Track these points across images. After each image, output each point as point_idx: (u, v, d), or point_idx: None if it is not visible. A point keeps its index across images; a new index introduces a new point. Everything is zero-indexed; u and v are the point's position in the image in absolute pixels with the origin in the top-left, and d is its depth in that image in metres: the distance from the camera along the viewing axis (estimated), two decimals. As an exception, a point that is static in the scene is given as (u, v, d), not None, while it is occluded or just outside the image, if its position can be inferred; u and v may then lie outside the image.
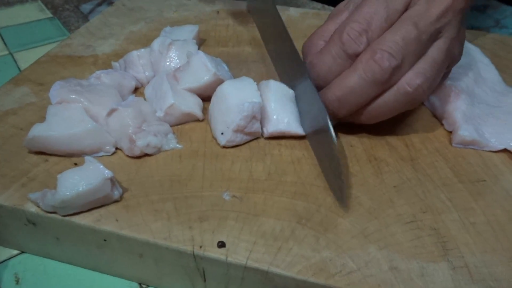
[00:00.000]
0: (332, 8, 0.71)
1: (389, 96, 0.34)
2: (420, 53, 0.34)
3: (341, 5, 0.39)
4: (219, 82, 0.38)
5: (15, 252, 0.35)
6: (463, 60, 0.44)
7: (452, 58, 0.36)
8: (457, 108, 0.38)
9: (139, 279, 0.33)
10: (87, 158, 0.30)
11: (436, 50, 0.34)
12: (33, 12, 0.71)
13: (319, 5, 0.73)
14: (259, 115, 0.35)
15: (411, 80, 0.33)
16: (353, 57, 0.34)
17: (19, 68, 0.57)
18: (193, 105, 0.38)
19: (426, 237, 0.29)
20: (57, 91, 0.36)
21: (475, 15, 0.75)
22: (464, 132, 0.36)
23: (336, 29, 0.35)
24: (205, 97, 0.40)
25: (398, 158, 0.36)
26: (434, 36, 0.34)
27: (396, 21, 0.34)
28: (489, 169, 0.35)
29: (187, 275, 0.30)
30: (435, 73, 0.34)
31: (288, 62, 0.41)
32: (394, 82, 0.33)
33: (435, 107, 0.41)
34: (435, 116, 0.41)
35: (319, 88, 0.36)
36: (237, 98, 0.35)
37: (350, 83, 0.33)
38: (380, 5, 0.34)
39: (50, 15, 0.70)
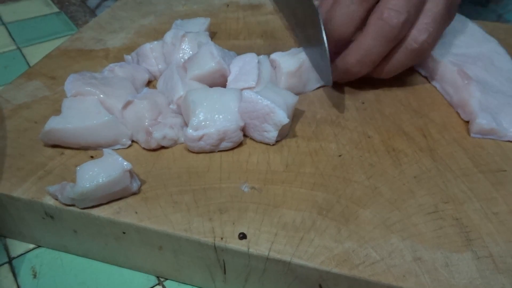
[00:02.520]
0: None
1: (400, 54, 0.37)
2: (422, 5, 0.36)
3: None
4: (223, 71, 0.38)
5: (32, 246, 0.35)
6: (475, 49, 0.44)
7: (451, 3, 0.38)
8: (472, 95, 0.38)
9: (157, 272, 0.33)
10: (105, 150, 0.30)
11: (435, 4, 0.36)
12: (39, 7, 0.71)
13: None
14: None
15: (416, 37, 0.36)
16: (368, 2, 0.36)
17: (28, 63, 0.57)
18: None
19: (449, 227, 0.29)
20: (72, 83, 0.36)
21: (477, 10, 0.75)
22: (482, 120, 0.36)
23: None
24: (213, 87, 0.39)
25: (416, 148, 0.35)
26: None
27: None
28: (509, 159, 0.34)
29: (207, 267, 0.30)
30: (437, 25, 0.37)
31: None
32: (403, 36, 0.36)
33: (449, 95, 0.40)
34: (450, 104, 0.40)
35: (336, 42, 0.38)
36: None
37: (365, 45, 0.36)
38: None
39: (56, 9, 0.70)
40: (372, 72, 0.39)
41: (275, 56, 0.40)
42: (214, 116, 0.33)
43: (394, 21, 0.35)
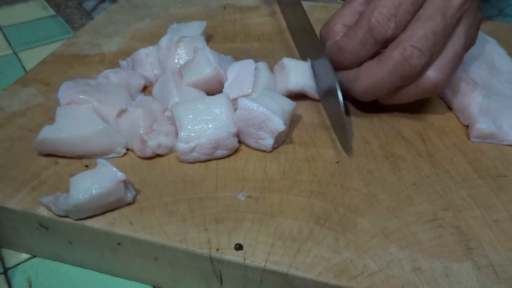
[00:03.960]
0: (341, 1, 0.70)
1: (411, 89, 0.35)
2: (444, 44, 0.34)
3: None
4: (219, 77, 0.38)
5: (27, 256, 0.34)
6: (477, 51, 0.43)
7: (470, 44, 0.36)
8: (473, 101, 0.37)
9: (153, 282, 0.32)
10: (99, 160, 0.30)
11: (456, 42, 0.34)
12: (36, 10, 0.70)
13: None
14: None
15: (432, 77, 0.34)
16: (380, 42, 0.34)
17: (23, 67, 0.56)
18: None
19: (449, 235, 0.29)
20: (65, 91, 0.35)
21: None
22: (482, 125, 0.35)
23: (361, 12, 0.35)
24: (210, 93, 0.39)
25: (415, 154, 0.35)
26: (458, 23, 0.34)
27: (422, 4, 0.34)
28: (509, 164, 0.34)
29: (203, 278, 0.30)
30: (454, 67, 0.35)
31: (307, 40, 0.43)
32: (419, 75, 0.34)
33: (449, 99, 0.40)
34: (449, 108, 0.40)
35: (344, 68, 0.37)
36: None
37: (377, 77, 0.34)
38: None
39: (53, 12, 0.69)
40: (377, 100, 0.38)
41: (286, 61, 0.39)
42: (203, 127, 0.33)
43: (415, 62, 0.33)
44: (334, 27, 0.38)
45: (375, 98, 0.37)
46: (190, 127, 0.33)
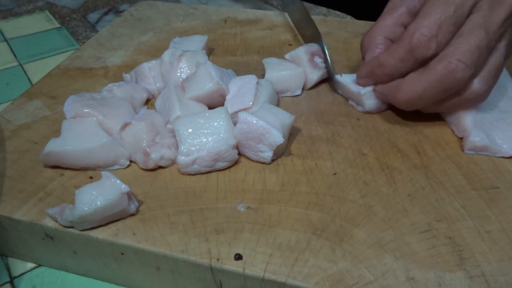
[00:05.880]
0: (338, 12, 0.71)
1: (454, 100, 0.36)
2: (487, 58, 0.35)
3: None
4: (221, 91, 0.39)
5: (33, 265, 0.35)
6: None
7: (509, 55, 0.37)
8: (466, 114, 0.38)
9: (155, 291, 0.33)
10: (103, 173, 0.31)
11: (498, 55, 0.35)
12: (41, 23, 0.72)
13: (324, 9, 0.73)
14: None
15: (477, 89, 0.35)
16: (421, 61, 0.36)
17: (29, 79, 0.57)
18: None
19: (442, 246, 0.30)
20: (71, 105, 0.37)
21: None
22: (475, 137, 0.36)
23: (403, 32, 0.36)
24: (211, 106, 0.40)
25: (410, 166, 0.36)
26: (500, 38, 0.35)
27: (462, 25, 0.35)
28: (502, 176, 0.35)
29: (204, 287, 0.31)
30: (496, 78, 0.36)
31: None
32: (464, 88, 0.35)
33: (444, 112, 0.41)
34: (444, 121, 0.41)
35: (382, 82, 0.39)
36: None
37: (421, 89, 0.35)
38: (448, 9, 0.34)
39: (57, 25, 0.71)
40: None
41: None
42: (203, 140, 0.34)
43: (460, 75, 0.33)
44: (376, 39, 0.39)
45: (417, 108, 0.38)
46: (190, 141, 0.34)
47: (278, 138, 0.33)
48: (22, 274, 0.35)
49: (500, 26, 0.34)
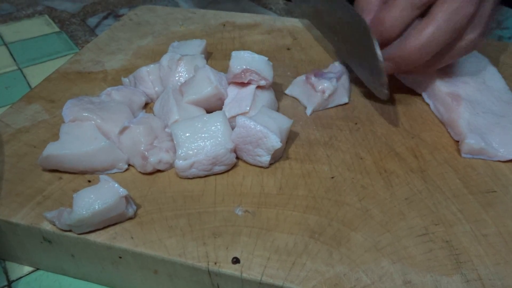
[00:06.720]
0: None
1: (456, 49, 0.38)
2: (481, 4, 0.36)
3: None
4: (220, 95, 0.39)
5: (30, 269, 0.35)
6: (468, 69, 0.45)
7: (498, 5, 0.39)
8: (461, 117, 0.38)
9: (153, 294, 0.33)
10: (101, 176, 0.31)
11: (487, 6, 0.37)
12: (40, 27, 0.72)
13: None
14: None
15: (471, 38, 0.37)
16: (421, 7, 0.37)
17: (28, 83, 0.58)
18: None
19: (439, 250, 0.30)
20: (69, 109, 0.37)
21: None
22: (471, 140, 0.36)
23: None
24: (210, 110, 0.40)
25: (408, 169, 0.36)
26: None
27: None
28: (498, 180, 0.35)
29: (202, 291, 0.31)
30: (487, 28, 0.38)
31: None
32: (467, 29, 0.37)
33: (441, 113, 0.41)
34: (442, 123, 0.41)
35: (384, 43, 0.39)
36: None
37: (429, 33, 0.36)
38: None
39: (57, 29, 0.71)
40: (420, 67, 0.39)
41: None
42: (201, 144, 0.34)
43: (464, 11, 0.35)
44: (371, 1, 0.40)
45: (427, 58, 0.37)
46: (188, 145, 0.34)
47: (275, 142, 0.34)
48: (20, 277, 0.35)
49: None
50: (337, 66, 0.44)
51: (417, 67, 0.39)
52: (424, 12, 0.37)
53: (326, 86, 0.41)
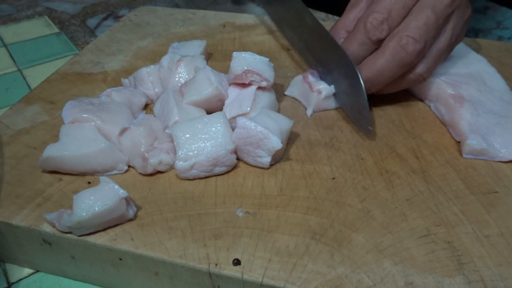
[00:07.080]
0: (336, 17, 0.72)
1: (407, 80, 0.40)
2: (436, 37, 0.39)
3: None
4: (220, 96, 0.39)
5: (30, 271, 0.35)
6: (468, 69, 0.44)
7: (456, 40, 0.41)
8: (462, 118, 0.38)
9: (154, 296, 0.33)
10: (102, 178, 0.31)
11: (442, 41, 0.39)
12: (40, 28, 0.72)
13: (323, 14, 0.73)
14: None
15: (419, 72, 0.39)
16: (377, 43, 0.39)
17: (28, 85, 0.57)
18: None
19: (441, 251, 0.30)
20: (69, 110, 0.37)
21: (476, 17, 0.76)
22: (472, 141, 0.36)
23: (359, 19, 0.40)
24: (210, 111, 0.40)
25: (409, 170, 0.36)
26: (447, 19, 0.38)
27: (412, 7, 0.38)
28: (500, 180, 0.35)
29: (203, 293, 0.31)
30: (437, 64, 0.40)
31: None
32: (417, 63, 0.39)
33: (442, 114, 0.41)
34: (443, 123, 0.41)
35: None
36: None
37: (378, 66, 0.38)
38: None
39: (57, 30, 0.71)
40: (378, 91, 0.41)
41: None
42: (201, 145, 0.34)
43: (411, 49, 0.37)
44: (339, 33, 0.43)
45: (379, 87, 0.40)
46: (188, 146, 0.34)
47: (276, 143, 0.33)
48: (20, 280, 0.34)
49: (447, 6, 0.38)
50: None
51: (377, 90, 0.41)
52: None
53: (323, 88, 0.41)
